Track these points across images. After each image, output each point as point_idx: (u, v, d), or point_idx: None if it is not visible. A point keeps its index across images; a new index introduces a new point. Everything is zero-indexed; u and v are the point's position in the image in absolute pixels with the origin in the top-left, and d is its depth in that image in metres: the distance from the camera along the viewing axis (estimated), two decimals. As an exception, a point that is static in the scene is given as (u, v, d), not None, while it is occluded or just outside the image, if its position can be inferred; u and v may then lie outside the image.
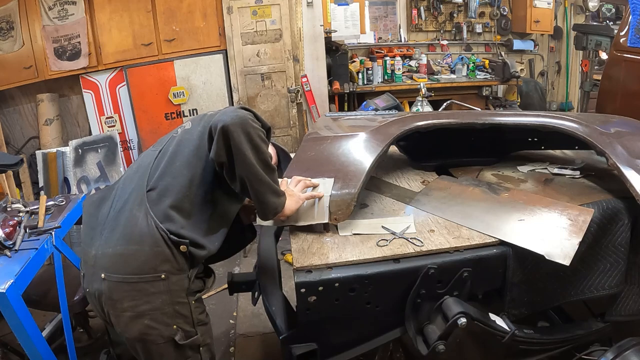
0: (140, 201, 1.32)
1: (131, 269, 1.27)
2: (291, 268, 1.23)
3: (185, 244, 1.28)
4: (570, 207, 1.37)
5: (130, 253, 1.27)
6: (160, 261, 1.27)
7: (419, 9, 5.30)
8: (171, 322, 1.32)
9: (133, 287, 1.27)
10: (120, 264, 1.28)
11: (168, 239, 1.26)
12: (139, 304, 1.27)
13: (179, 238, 1.27)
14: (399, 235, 1.32)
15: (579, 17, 5.61)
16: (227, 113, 1.30)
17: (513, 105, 4.93)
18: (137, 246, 1.27)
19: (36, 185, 3.88)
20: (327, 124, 1.98)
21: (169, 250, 1.27)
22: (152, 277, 1.26)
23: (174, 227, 1.28)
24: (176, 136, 1.48)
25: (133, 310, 1.28)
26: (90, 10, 3.74)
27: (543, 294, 1.36)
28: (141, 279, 1.26)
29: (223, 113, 1.32)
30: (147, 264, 1.26)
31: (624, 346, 1.26)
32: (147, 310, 1.28)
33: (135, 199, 1.34)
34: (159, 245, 1.26)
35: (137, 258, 1.27)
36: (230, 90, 4.22)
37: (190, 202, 1.33)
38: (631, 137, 1.58)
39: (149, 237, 1.27)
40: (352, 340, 1.29)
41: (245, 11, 4.01)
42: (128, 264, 1.27)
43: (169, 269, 1.28)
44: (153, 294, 1.27)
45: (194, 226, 1.32)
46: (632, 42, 3.05)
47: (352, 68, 4.74)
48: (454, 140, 1.86)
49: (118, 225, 1.32)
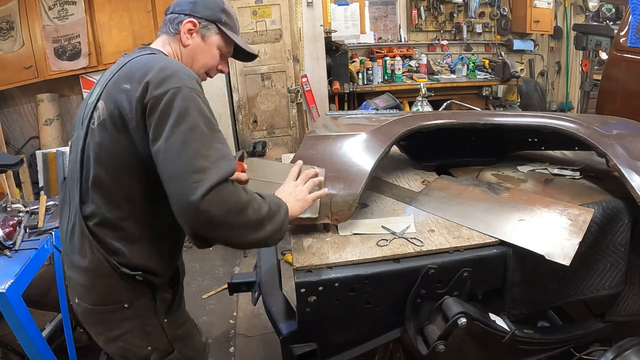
0: (82, 231, 1.20)
1: (93, 299, 1.24)
2: (291, 268, 1.23)
3: (139, 274, 1.21)
4: (571, 207, 1.37)
5: (89, 284, 1.23)
6: (119, 292, 1.22)
7: (419, 9, 5.30)
8: (144, 344, 1.29)
9: (101, 316, 1.25)
10: (84, 293, 1.25)
11: (121, 272, 1.19)
12: (110, 329, 1.26)
13: (131, 270, 1.20)
14: (399, 235, 1.32)
15: (579, 17, 5.61)
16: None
17: (513, 105, 4.93)
18: (94, 278, 1.21)
19: (36, 185, 3.88)
20: (328, 123, 1.98)
21: (124, 282, 1.21)
22: (115, 307, 1.23)
23: (123, 259, 1.19)
24: (94, 129, 1.17)
25: (105, 335, 1.28)
26: (90, 10, 3.73)
27: (543, 294, 1.36)
28: (105, 309, 1.24)
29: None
30: (107, 295, 1.22)
31: (624, 346, 1.27)
32: (118, 335, 1.26)
33: (78, 225, 1.21)
34: (114, 277, 1.20)
35: (96, 289, 1.23)
36: (230, 90, 4.22)
37: (133, 225, 1.20)
38: (632, 139, 1.58)
39: (101, 269, 1.20)
40: (352, 340, 1.29)
41: (245, 11, 4.01)
42: (89, 295, 1.24)
43: (130, 297, 1.23)
44: (120, 320, 1.25)
45: (145, 252, 1.22)
46: (632, 42, 3.05)
47: (352, 68, 4.74)
48: (454, 140, 1.86)
49: (74, 251, 1.24)
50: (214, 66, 1.38)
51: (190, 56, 1.33)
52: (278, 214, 1.17)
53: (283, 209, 1.20)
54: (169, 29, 1.32)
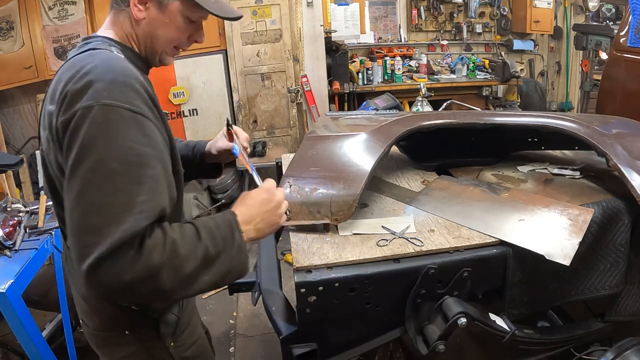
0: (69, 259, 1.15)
1: (95, 325, 1.17)
2: (291, 268, 1.23)
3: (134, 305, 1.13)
4: (571, 207, 1.37)
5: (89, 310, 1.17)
6: (119, 320, 1.14)
7: (419, 9, 5.30)
8: None
9: (104, 339, 1.19)
10: (86, 318, 1.20)
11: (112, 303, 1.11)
12: (114, 351, 1.20)
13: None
14: (399, 235, 1.32)
15: (579, 17, 5.61)
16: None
17: (513, 105, 4.94)
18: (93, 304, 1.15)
19: (36, 185, 3.88)
20: (328, 123, 1.98)
21: (120, 311, 1.12)
22: (116, 333, 1.16)
23: None
24: (43, 156, 1.03)
25: (110, 356, 1.22)
26: (90, 10, 3.74)
27: (543, 294, 1.36)
28: (107, 335, 1.18)
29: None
30: (107, 322, 1.15)
31: (624, 346, 1.26)
32: (123, 356, 1.19)
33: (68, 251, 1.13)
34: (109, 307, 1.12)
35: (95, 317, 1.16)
36: (230, 90, 4.22)
37: None
38: (632, 139, 1.58)
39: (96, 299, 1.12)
40: (352, 340, 1.29)
41: (245, 11, 4.01)
42: (92, 320, 1.18)
43: (131, 324, 1.14)
44: (124, 344, 1.17)
45: None
46: (632, 42, 3.05)
47: (352, 68, 4.74)
48: (454, 140, 1.86)
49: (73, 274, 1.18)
50: (182, 39, 1.10)
51: (148, 34, 1.06)
52: (224, 255, 0.93)
53: (236, 244, 0.96)
54: (116, 1, 1.07)
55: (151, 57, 1.13)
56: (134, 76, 0.93)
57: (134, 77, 0.93)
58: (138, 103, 0.90)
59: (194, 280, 0.90)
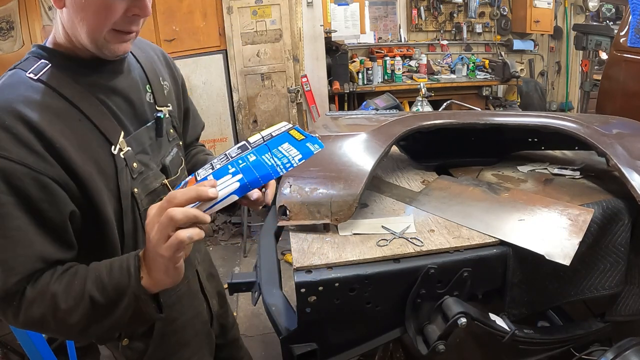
0: None
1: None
2: (291, 268, 1.23)
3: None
4: (571, 207, 1.37)
5: None
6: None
7: (419, 9, 5.31)
8: None
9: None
10: None
11: None
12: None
13: None
14: (399, 235, 1.32)
15: (579, 17, 5.61)
16: None
17: (513, 105, 4.94)
18: None
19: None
20: (328, 123, 1.98)
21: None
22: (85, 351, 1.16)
23: None
24: None
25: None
26: (90, 10, 3.74)
27: (543, 294, 1.36)
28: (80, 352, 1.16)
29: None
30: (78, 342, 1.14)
31: (624, 346, 1.26)
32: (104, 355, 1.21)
33: None
34: None
35: None
36: (230, 90, 4.22)
37: None
38: (632, 139, 1.58)
39: None
40: (352, 340, 1.29)
41: (245, 11, 4.01)
42: None
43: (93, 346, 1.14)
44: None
45: None
46: (632, 42, 3.05)
47: (352, 68, 4.75)
48: (454, 140, 1.86)
49: None
50: (114, 17, 0.88)
51: (74, 23, 0.87)
52: (120, 304, 0.84)
53: (130, 291, 0.83)
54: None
55: (96, 50, 0.93)
56: (9, 109, 0.81)
57: (8, 111, 0.81)
58: (2, 144, 0.79)
59: (88, 327, 0.86)
